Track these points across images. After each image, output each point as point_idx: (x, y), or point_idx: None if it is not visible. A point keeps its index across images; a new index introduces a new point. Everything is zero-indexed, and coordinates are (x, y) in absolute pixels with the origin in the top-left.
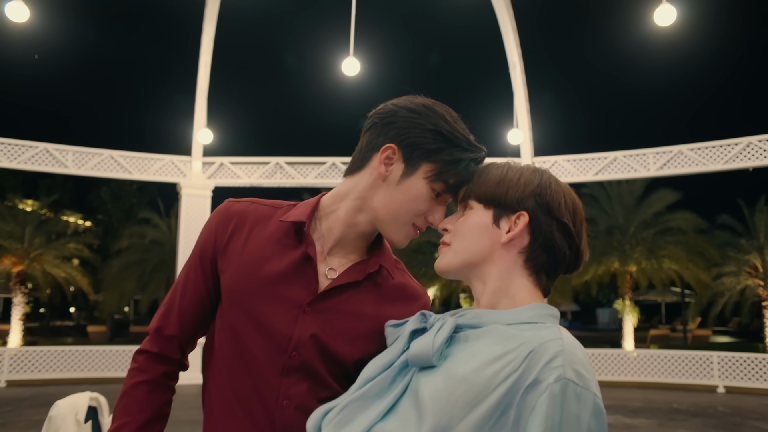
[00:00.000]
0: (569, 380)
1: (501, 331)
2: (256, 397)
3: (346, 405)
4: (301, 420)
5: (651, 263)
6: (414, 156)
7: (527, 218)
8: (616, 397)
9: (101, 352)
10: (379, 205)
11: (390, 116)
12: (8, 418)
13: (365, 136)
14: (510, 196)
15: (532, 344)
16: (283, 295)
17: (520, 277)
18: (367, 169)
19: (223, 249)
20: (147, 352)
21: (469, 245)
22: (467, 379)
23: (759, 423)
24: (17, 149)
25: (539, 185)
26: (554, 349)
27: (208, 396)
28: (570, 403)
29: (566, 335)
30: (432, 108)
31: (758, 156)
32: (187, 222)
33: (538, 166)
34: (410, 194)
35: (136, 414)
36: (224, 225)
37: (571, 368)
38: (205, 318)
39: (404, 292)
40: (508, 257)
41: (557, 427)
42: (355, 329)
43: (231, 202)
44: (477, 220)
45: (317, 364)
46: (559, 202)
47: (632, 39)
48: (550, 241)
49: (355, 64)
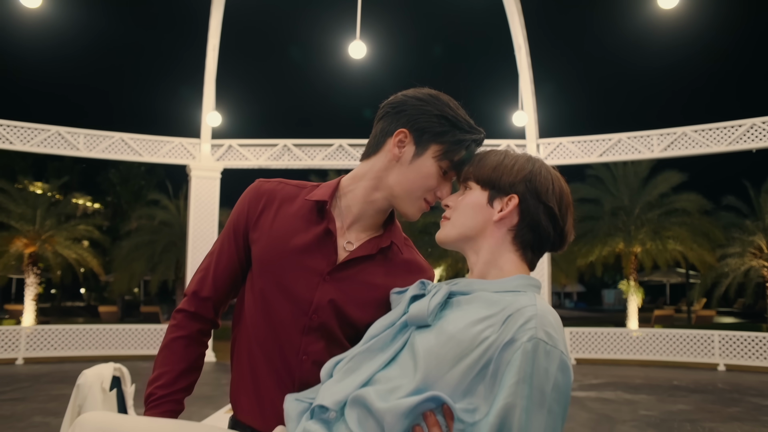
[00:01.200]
0: (540, 340)
1: (487, 297)
2: (279, 353)
3: (354, 356)
4: (317, 373)
5: (656, 244)
6: (423, 138)
7: (517, 200)
8: (618, 375)
9: (114, 330)
10: (394, 182)
11: (401, 105)
12: (28, 393)
13: (378, 123)
14: (504, 180)
15: (511, 309)
16: (307, 265)
17: (508, 252)
18: (382, 152)
19: (254, 223)
20: (185, 311)
21: (466, 220)
22: (455, 336)
23: (756, 399)
24: (30, 132)
25: (531, 172)
26: (529, 313)
27: (238, 351)
28: (540, 359)
29: (541, 302)
30: (437, 97)
31: (762, 137)
32: (197, 203)
33: (544, 146)
34: (421, 172)
35: (174, 364)
36: (256, 202)
37: (543, 330)
38: (236, 283)
39: (411, 266)
40: (498, 233)
41: (528, 378)
42: (367, 297)
43: (261, 181)
44: (474, 199)
45: (333, 325)
46: (547, 188)
47: (637, 21)
48: (536, 222)
49: (361, 48)
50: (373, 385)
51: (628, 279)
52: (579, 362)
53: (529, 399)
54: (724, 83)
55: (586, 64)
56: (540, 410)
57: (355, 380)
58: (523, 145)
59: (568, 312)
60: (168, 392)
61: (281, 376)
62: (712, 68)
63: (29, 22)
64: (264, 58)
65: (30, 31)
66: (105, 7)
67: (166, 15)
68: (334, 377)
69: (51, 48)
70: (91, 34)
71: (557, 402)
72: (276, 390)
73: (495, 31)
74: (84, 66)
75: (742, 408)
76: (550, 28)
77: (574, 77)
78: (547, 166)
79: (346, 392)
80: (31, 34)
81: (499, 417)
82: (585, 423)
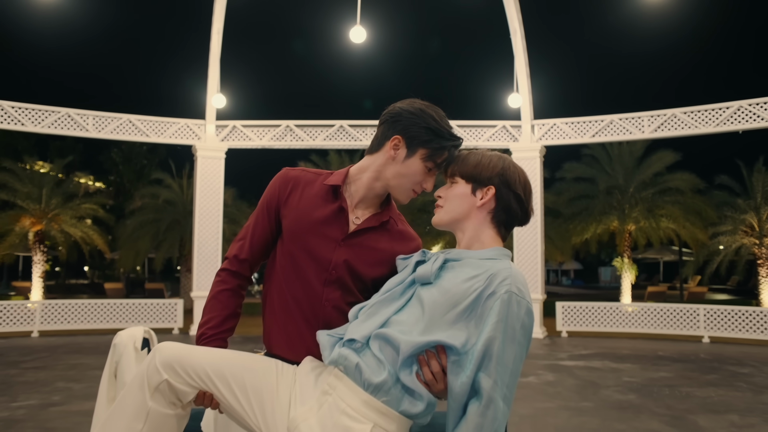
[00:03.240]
0: (513, 293)
1: (473, 262)
2: (306, 300)
3: (374, 304)
4: (334, 315)
5: (649, 222)
6: (413, 144)
7: (494, 190)
8: (607, 346)
9: (123, 305)
10: (390, 176)
11: (397, 116)
12: (48, 362)
13: (380, 128)
14: (483, 175)
15: (492, 270)
16: (326, 233)
17: (487, 229)
18: (382, 151)
19: (284, 202)
20: (227, 270)
21: (455, 207)
22: (451, 290)
23: (734, 367)
24: (41, 114)
25: (503, 168)
26: (505, 273)
27: (270, 301)
28: (513, 306)
29: (514, 267)
30: (426, 111)
31: (748, 119)
32: (203, 182)
33: (539, 127)
34: (411, 169)
35: (220, 311)
36: (284, 185)
37: (515, 286)
38: (267, 248)
39: (404, 235)
40: (480, 216)
41: (504, 319)
42: (372, 258)
43: (288, 169)
44: (460, 191)
45: (347, 279)
46: (515, 179)
47: (628, 8)
48: (508, 206)
49: (361, 33)
50: (389, 326)
51: (622, 256)
52: (570, 335)
53: (504, 333)
54: (712, 67)
55: (580, 48)
56: (512, 342)
57: (375, 321)
58: (518, 125)
59: (565, 289)
60: (216, 332)
61: (308, 318)
62: (701, 53)
63: (41, 11)
64: (267, 42)
65: (41, 18)
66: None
67: (172, 1)
68: (359, 318)
69: (61, 35)
70: (100, 20)
71: (524, 336)
72: (305, 328)
73: (492, 15)
74: (93, 51)
75: (719, 375)
76: (546, 12)
77: (569, 60)
78: (514, 162)
79: (370, 329)
80: (42, 22)
81: (484, 345)
82: (571, 388)
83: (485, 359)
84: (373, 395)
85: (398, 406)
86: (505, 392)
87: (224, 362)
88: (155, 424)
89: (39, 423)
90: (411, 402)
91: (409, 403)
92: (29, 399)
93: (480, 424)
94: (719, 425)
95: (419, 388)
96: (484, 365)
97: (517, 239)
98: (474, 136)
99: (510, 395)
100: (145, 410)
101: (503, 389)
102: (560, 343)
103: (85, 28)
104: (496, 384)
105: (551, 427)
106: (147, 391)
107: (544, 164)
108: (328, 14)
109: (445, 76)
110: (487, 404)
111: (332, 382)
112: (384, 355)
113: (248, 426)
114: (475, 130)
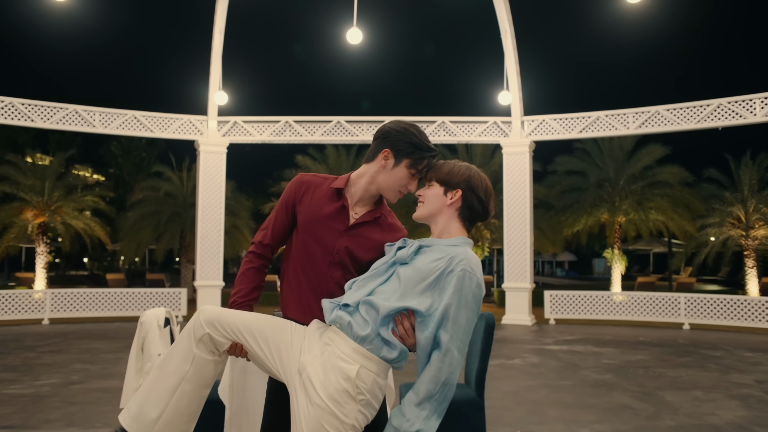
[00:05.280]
0: (467, 270)
1: (441, 248)
2: (315, 277)
3: (363, 278)
4: (336, 289)
5: (638, 214)
6: (399, 155)
7: (461, 193)
8: (592, 332)
9: (130, 294)
10: (382, 181)
11: (387, 133)
12: (62, 347)
13: (373, 143)
14: (453, 180)
15: (452, 254)
16: (331, 226)
17: (454, 222)
18: (375, 161)
19: (299, 201)
20: (254, 252)
21: (431, 205)
22: (421, 269)
23: (708, 351)
24: (49, 110)
25: (468, 176)
26: (462, 256)
27: (287, 277)
28: (466, 280)
29: (470, 251)
30: (409, 129)
31: (727, 116)
32: (205, 176)
33: (528, 123)
34: (398, 175)
35: (248, 284)
36: (299, 188)
37: (468, 265)
38: (285, 236)
39: (393, 227)
40: (449, 212)
41: (459, 290)
42: (367, 245)
43: (302, 175)
44: (435, 192)
45: (347, 262)
46: (478, 185)
47: (613, 11)
48: (472, 205)
49: (357, 34)
50: (374, 295)
51: (612, 248)
52: (558, 322)
53: (459, 301)
54: (694, 67)
55: (569, 47)
56: (465, 307)
57: (364, 291)
58: (508, 121)
59: (559, 280)
60: (245, 299)
61: (316, 291)
62: (684, 53)
63: (56, 13)
64: (267, 42)
65: (49, 19)
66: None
67: (176, 3)
68: (352, 289)
69: (71, 38)
70: (111, 24)
71: (474, 303)
72: (313, 298)
73: (483, 17)
74: (101, 50)
75: (692, 358)
76: (535, 14)
77: (558, 59)
78: (479, 172)
79: (360, 297)
80: (51, 23)
81: (444, 309)
82: (553, 369)
83: (444, 320)
84: (360, 345)
85: (379, 352)
86: (459, 344)
87: (252, 321)
88: (198, 366)
89: (63, 398)
90: (388, 350)
91: (387, 350)
92: (51, 378)
93: (440, 367)
94: (684, 400)
95: (394, 341)
96: (443, 324)
97: (507, 231)
98: (466, 132)
99: (463, 347)
100: (191, 355)
101: (457, 342)
102: (547, 330)
103: (96, 32)
104: (452, 338)
105: (531, 401)
106: (193, 342)
107: (536, 158)
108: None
109: (439, 74)
110: (445, 353)
111: (331, 336)
112: (369, 316)
113: (269, 369)
114: (468, 125)
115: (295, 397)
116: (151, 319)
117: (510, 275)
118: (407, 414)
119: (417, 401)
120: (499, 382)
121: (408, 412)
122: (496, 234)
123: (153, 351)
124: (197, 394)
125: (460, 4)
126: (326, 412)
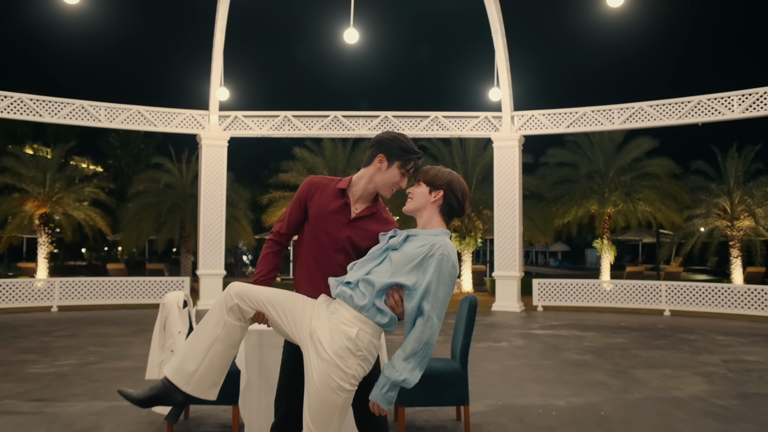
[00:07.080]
0: (444, 254)
1: (424, 237)
2: (323, 261)
3: (362, 261)
4: (340, 271)
5: (627, 205)
6: (391, 159)
7: (442, 193)
8: (577, 318)
9: (135, 283)
10: (378, 181)
11: (381, 141)
12: (74, 332)
13: (369, 150)
14: (437, 182)
15: (433, 241)
16: (336, 219)
17: (436, 217)
18: (372, 165)
19: (310, 198)
20: (273, 240)
21: (418, 201)
22: (408, 253)
23: (684, 335)
24: (57, 106)
25: (449, 180)
26: (440, 243)
27: (300, 261)
28: (444, 263)
29: (447, 240)
30: (398, 137)
31: (707, 113)
32: (207, 168)
33: (518, 118)
34: (391, 175)
35: (267, 266)
36: (310, 188)
37: (446, 251)
38: (299, 227)
39: (386, 220)
40: (432, 208)
41: (438, 270)
42: (365, 235)
43: (312, 177)
44: (422, 191)
45: (349, 248)
46: (457, 188)
47: (597, 13)
48: (451, 204)
49: (354, 34)
50: (371, 274)
51: (602, 238)
52: (546, 309)
53: (438, 278)
54: (677, 64)
55: (558, 45)
56: (443, 283)
57: (362, 271)
58: (499, 116)
59: (551, 270)
60: (265, 278)
61: (323, 271)
62: (667, 52)
63: (69, 15)
64: (268, 39)
65: (58, 20)
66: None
67: (179, 3)
68: (353, 270)
69: (79, 35)
70: (114, 22)
71: (450, 280)
72: (320, 277)
73: (475, 16)
74: (108, 48)
75: (668, 341)
76: (525, 12)
77: (547, 56)
78: (459, 177)
79: (359, 276)
80: (60, 23)
81: (426, 284)
82: (537, 351)
83: (426, 293)
84: (359, 312)
85: (374, 318)
86: (438, 312)
87: (272, 295)
88: (228, 330)
89: (83, 376)
90: (381, 317)
91: (380, 317)
92: (69, 359)
93: (423, 330)
94: (653, 377)
95: (386, 309)
96: (426, 296)
97: (497, 222)
98: (459, 126)
99: (441, 315)
100: (223, 321)
101: (437, 310)
102: (535, 316)
103: (104, 31)
104: (432, 307)
105: (514, 378)
106: (224, 310)
107: (528, 150)
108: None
109: (432, 72)
110: (427, 319)
111: (336, 306)
112: (366, 291)
113: (286, 333)
114: (460, 120)
115: (307, 354)
116: (172, 301)
117: (500, 264)
118: (396, 366)
119: (404, 356)
120: (485, 362)
121: (397, 365)
122: (488, 225)
123: (174, 329)
124: (227, 353)
125: (453, 5)
126: (332, 365)
